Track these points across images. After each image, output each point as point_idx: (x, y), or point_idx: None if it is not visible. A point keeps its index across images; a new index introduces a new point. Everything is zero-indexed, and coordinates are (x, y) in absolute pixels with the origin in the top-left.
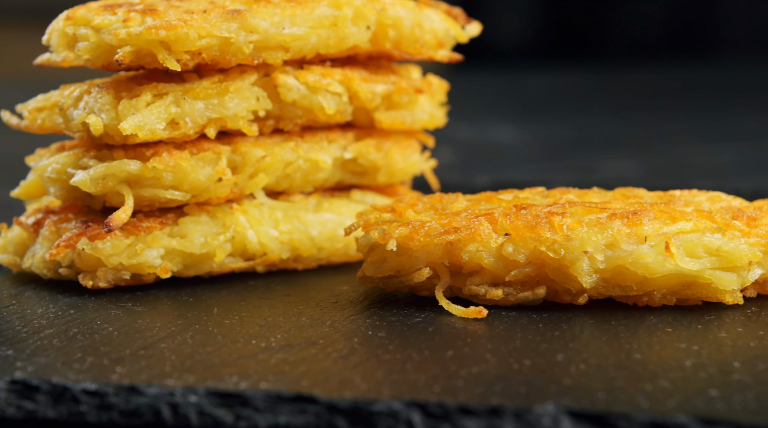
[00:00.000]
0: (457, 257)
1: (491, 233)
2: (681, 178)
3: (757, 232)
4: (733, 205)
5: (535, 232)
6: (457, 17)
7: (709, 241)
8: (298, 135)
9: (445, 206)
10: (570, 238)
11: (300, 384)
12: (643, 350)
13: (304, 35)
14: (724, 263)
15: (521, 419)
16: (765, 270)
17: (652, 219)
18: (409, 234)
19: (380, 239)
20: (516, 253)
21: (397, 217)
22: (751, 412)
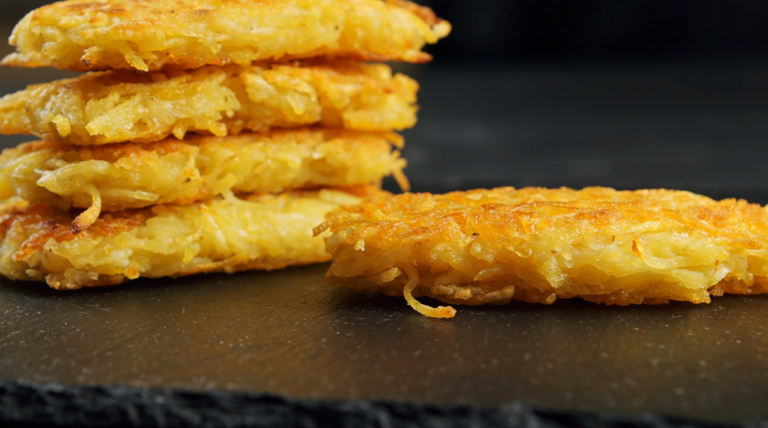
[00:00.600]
0: (425, 257)
1: (459, 233)
2: (650, 177)
3: (724, 231)
4: (701, 204)
5: (503, 232)
6: (426, 17)
7: (676, 240)
8: (267, 135)
9: (413, 206)
10: (538, 238)
11: (267, 385)
12: (611, 349)
13: (272, 35)
14: (691, 263)
15: (488, 418)
16: (731, 269)
17: (619, 219)
18: (378, 234)
19: (348, 240)
20: (484, 253)
21: (366, 217)
22: (717, 411)
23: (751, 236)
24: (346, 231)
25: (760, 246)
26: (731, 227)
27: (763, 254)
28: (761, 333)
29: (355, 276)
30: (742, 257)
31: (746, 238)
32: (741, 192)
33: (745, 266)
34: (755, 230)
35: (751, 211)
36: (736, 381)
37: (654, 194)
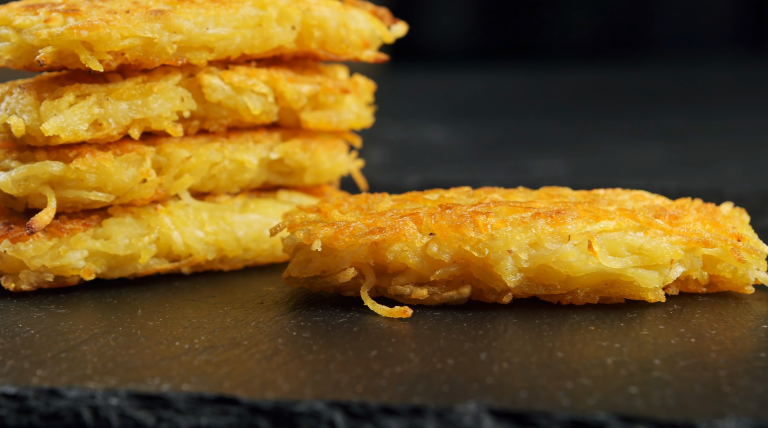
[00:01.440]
0: (382, 257)
1: (416, 233)
2: (609, 177)
3: (679, 230)
4: (656, 204)
5: (460, 231)
6: (383, 17)
7: (632, 239)
8: (224, 136)
9: (370, 206)
10: (494, 237)
11: (222, 386)
12: (566, 348)
13: (228, 35)
14: (646, 262)
15: (443, 418)
16: (686, 268)
17: (575, 218)
18: (334, 234)
19: (305, 240)
20: (441, 253)
21: (323, 217)
22: (670, 409)
23: (706, 235)
24: (302, 231)
25: (714, 245)
26: (686, 226)
27: (717, 253)
28: (715, 332)
29: (312, 277)
30: (696, 256)
31: (701, 237)
32: (698, 192)
33: (699, 265)
34: (710, 229)
35: (707, 210)
36: (690, 380)
37: (610, 194)
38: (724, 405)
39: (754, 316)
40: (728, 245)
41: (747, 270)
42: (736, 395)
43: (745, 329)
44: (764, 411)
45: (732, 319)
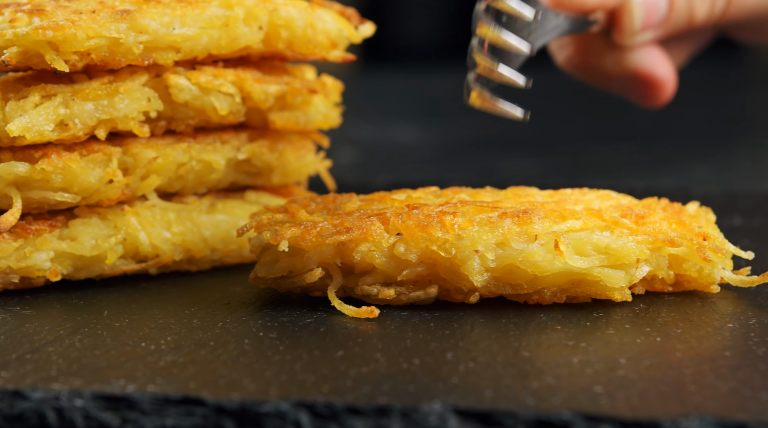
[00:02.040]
0: (349, 257)
1: (383, 232)
2: (578, 176)
3: (645, 230)
4: (623, 203)
5: (427, 231)
6: (351, 18)
7: (598, 239)
8: (191, 136)
9: (338, 207)
10: (461, 237)
11: (188, 386)
12: (532, 347)
13: (194, 36)
14: (612, 261)
15: (408, 418)
16: (652, 267)
17: (541, 218)
18: (301, 235)
19: (272, 240)
20: (408, 252)
21: (290, 217)
22: (634, 408)
23: (672, 234)
24: (269, 232)
25: (680, 244)
26: (652, 225)
27: (683, 253)
28: (680, 331)
29: (279, 277)
30: (662, 255)
31: (667, 236)
32: (665, 191)
33: (665, 265)
34: (676, 228)
35: (673, 209)
36: (655, 379)
37: (577, 194)
38: (688, 404)
39: (719, 315)
40: (694, 244)
41: (713, 269)
42: (700, 393)
43: (710, 327)
44: (728, 409)
45: (697, 318)
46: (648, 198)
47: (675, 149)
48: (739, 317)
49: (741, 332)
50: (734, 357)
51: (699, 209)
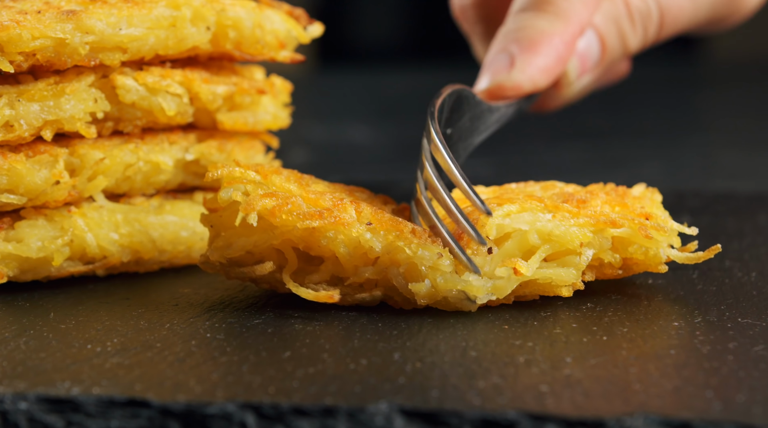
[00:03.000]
0: (314, 242)
1: (355, 221)
2: (529, 176)
3: (586, 213)
4: (566, 191)
5: (398, 227)
6: (299, 18)
7: (542, 226)
8: (139, 137)
9: (307, 183)
10: (426, 243)
11: (133, 388)
12: (479, 347)
13: (141, 36)
14: (556, 248)
15: (354, 418)
16: (596, 250)
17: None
18: (273, 209)
19: (242, 209)
20: (373, 241)
21: (263, 179)
22: (579, 407)
23: (613, 215)
24: (240, 191)
25: (621, 225)
26: (593, 208)
27: (627, 234)
28: (626, 329)
29: (231, 262)
30: (605, 237)
31: (608, 218)
32: None
33: (608, 246)
34: (619, 211)
35: (617, 193)
36: (600, 377)
37: (522, 186)
38: (633, 403)
39: (665, 313)
40: (636, 224)
41: (658, 249)
42: (645, 392)
43: (656, 326)
44: (672, 407)
45: (643, 317)
46: (592, 184)
47: (626, 148)
48: (684, 316)
49: (686, 330)
50: (679, 356)
51: (645, 190)
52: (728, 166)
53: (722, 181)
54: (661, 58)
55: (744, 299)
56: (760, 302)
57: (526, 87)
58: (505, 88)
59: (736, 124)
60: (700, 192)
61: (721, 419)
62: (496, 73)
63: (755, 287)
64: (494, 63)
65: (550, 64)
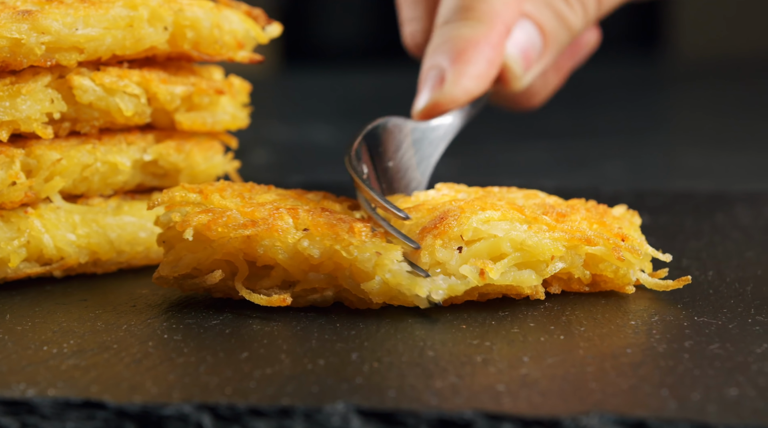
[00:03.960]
0: (253, 251)
1: (290, 228)
2: (492, 176)
3: (563, 227)
4: (547, 202)
5: (334, 231)
6: (258, 18)
7: (516, 235)
8: (96, 137)
9: (253, 196)
10: (364, 242)
11: (89, 390)
12: (437, 347)
13: (98, 36)
14: (527, 258)
15: (311, 419)
16: (567, 265)
17: (458, 217)
18: (208, 223)
19: (179, 226)
20: (311, 248)
21: (203, 199)
22: (536, 406)
23: (589, 232)
24: (179, 213)
25: (596, 243)
26: (571, 223)
27: (600, 252)
28: (584, 329)
29: (182, 276)
30: (579, 253)
31: (584, 235)
32: (575, 190)
33: (580, 263)
34: (597, 228)
35: (597, 211)
36: (557, 376)
37: (504, 191)
38: (588, 401)
39: (622, 313)
40: (611, 244)
41: (628, 270)
42: (601, 391)
43: (613, 325)
44: (628, 406)
45: (601, 316)
46: (574, 199)
47: (588, 148)
48: (641, 315)
49: (643, 329)
50: (636, 354)
51: (626, 212)
52: (689, 165)
53: (682, 180)
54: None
55: (700, 298)
56: (717, 301)
57: (461, 99)
58: (440, 104)
59: (698, 123)
60: (660, 191)
61: (676, 417)
62: (429, 91)
63: (711, 285)
64: (426, 81)
65: (482, 70)
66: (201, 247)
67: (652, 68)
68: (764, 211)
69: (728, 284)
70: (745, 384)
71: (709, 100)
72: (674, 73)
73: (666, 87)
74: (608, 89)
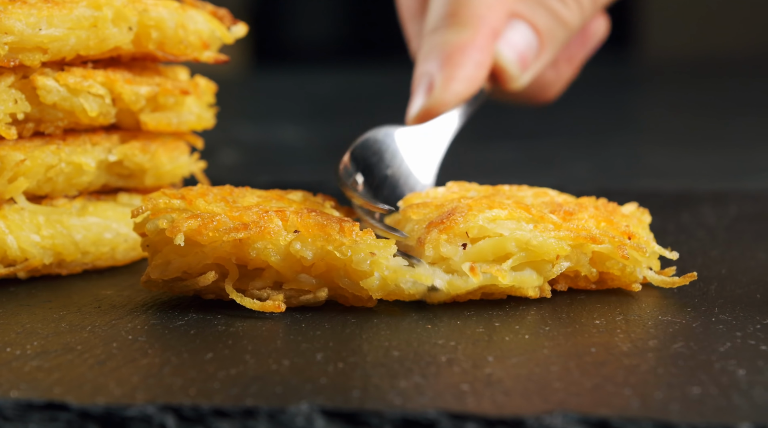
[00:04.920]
0: (245, 254)
1: (281, 230)
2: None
3: (569, 226)
4: (557, 200)
5: (325, 231)
6: (223, 18)
7: (521, 235)
8: (60, 138)
9: (235, 199)
10: (356, 241)
11: (52, 392)
12: (402, 347)
13: (62, 36)
14: (532, 257)
15: (275, 419)
16: (572, 263)
17: (466, 214)
18: (198, 228)
19: (169, 232)
20: (303, 250)
21: (187, 205)
22: (500, 405)
23: (594, 231)
24: (166, 219)
25: (602, 241)
26: (578, 222)
27: (607, 250)
28: (549, 328)
29: (172, 279)
30: (584, 252)
31: (589, 233)
32: None
33: (586, 261)
34: (604, 226)
35: (606, 208)
36: (521, 376)
37: (514, 190)
38: (552, 401)
39: (586, 312)
40: (617, 242)
41: (635, 268)
42: (564, 390)
43: (578, 324)
44: (591, 405)
45: (566, 315)
46: (585, 197)
47: (556, 148)
48: (606, 314)
49: (607, 328)
50: (599, 354)
51: (636, 210)
52: (655, 165)
53: (648, 179)
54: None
55: (664, 297)
56: (680, 300)
57: (452, 102)
58: (432, 108)
59: (664, 123)
60: (626, 191)
61: (638, 416)
62: (421, 96)
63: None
64: (418, 88)
65: (470, 73)
66: (191, 251)
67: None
68: (729, 210)
69: (692, 283)
70: (708, 383)
71: (676, 100)
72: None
73: (633, 87)
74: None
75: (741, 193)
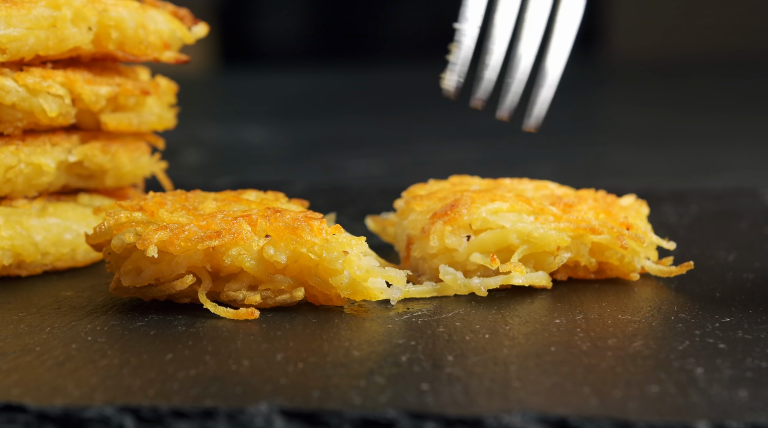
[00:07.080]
0: (218, 261)
1: (252, 235)
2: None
3: (569, 217)
4: (557, 193)
5: (297, 234)
6: (184, 18)
7: (523, 227)
8: (20, 138)
9: (195, 206)
10: (329, 241)
11: (10, 393)
12: (362, 347)
13: (20, 36)
14: (534, 249)
15: (234, 420)
16: (573, 254)
17: (469, 206)
18: (170, 239)
19: (139, 245)
20: (277, 254)
21: (150, 217)
22: (459, 405)
23: (594, 222)
24: (132, 234)
25: (601, 232)
26: (578, 213)
27: (606, 240)
28: (509, 327)
29: (145, 286)
30: (584, 243)
31: (589, 224)
32: None
33: (587, 252)
34: (603, 218)
35: (605, 201)
36: (480, 375)
37: (515, 183)
38: (512, 400)
39: (546, 311)
40: (615, 232)
41: (633, 258)
42: (524, 389)
43: (538, 323)
44: (550, 404)
45: (526, 314)
46: (584, 189)
47: (519, 147)
48: (566, 313)
49: (567, 327)
50: (559, 353)
51: (634, 201)
52: (618, 164)
53: (611, 178)
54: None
55: (624, 296)
56: (640, 299)
57: None
58: None
59: (628, 122)
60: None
61: (597, 415)
62: None
63: (636, 284)
64: None
65: None
66: (163, 259)
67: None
68: (690, 209)
69: (652, 282)
70: (667, 381)
71: (638, 99)
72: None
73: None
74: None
75: (702, 192)
